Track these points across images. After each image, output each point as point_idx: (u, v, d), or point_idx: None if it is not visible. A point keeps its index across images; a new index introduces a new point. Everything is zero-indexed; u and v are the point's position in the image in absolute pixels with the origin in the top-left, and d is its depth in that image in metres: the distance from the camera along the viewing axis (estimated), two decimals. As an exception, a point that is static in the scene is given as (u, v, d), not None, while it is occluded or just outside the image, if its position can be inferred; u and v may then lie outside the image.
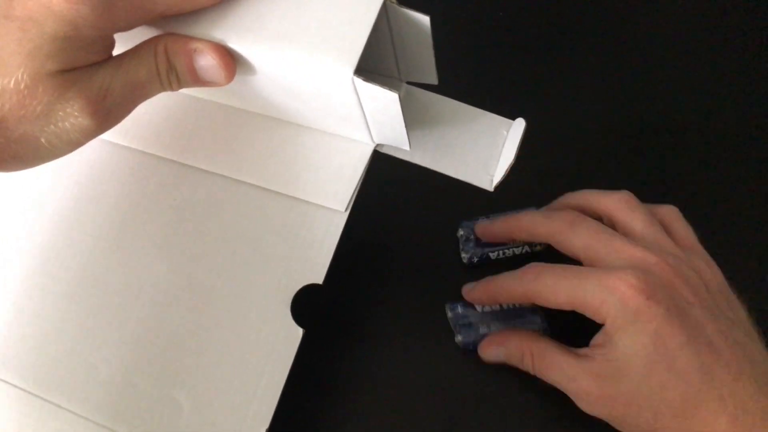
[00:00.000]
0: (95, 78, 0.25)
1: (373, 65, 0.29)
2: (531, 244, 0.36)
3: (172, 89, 0.27)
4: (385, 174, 0.39)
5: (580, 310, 0.29)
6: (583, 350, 0.30)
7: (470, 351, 0.34)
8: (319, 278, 0.29)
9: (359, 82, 0.24)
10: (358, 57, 0.24)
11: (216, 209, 0.31)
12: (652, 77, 0.43)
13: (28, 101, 0.24)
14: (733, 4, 0.46)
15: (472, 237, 0.37)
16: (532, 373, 0.32)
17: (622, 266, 0.28)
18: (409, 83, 0.32)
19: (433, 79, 0.30)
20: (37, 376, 0.29)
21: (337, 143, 0.31)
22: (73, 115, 0.24)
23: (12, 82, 0.23)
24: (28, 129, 0.24)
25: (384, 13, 0.26)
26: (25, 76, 0.23)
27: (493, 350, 0.33)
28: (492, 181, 0.30)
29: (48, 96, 0.24)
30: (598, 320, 0.29)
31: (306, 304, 0.30)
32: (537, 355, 0.31)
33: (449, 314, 0.35)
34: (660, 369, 0.27)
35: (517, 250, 0.36)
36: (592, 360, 0.29)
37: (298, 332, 0.29)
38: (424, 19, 0.26)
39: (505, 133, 0.31)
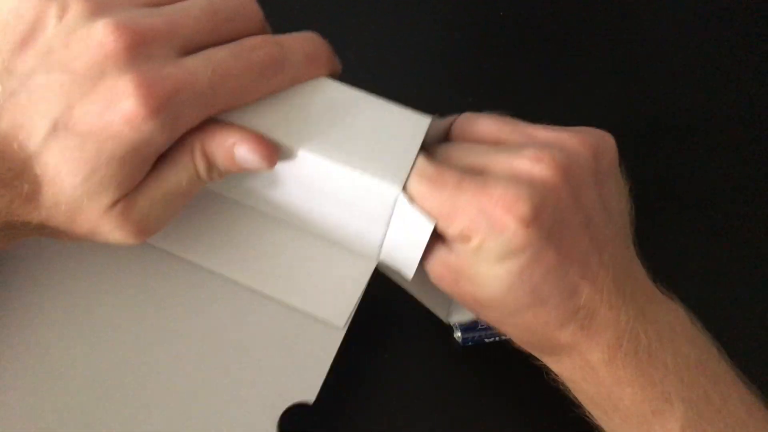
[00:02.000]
0: (140, 201, 0.23)
1: None
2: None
3: (213, 180, 0.26)
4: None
5: (444, 228, 0.25)
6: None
7: (470, 347, 0.35)
8: (311, 397, 0.27)
9: (403, 202, 0.24)
10: (406, 176, 0.24)
11: (206, 309, 0.28)
12: (655, 77, 0.44)
13: (75, 226, 0.23)
14: (736, 3, 0.46)
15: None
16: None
17: (500, 179, 0.24)
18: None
19: None
20: None
21: (340, 254, 0.29)
22: (115, 234, 0.23)
23: (63, 209, 0.22)
24: (72, 239, 0.24)
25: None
26: (73, 206, 0.22)
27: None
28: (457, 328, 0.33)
29: (93, 224, 0.23)
30: (464, 237, 0.25)
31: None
32: None
33: (448, 311, 0.35)
34: (520, 293, 0.25)
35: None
36: (450, 248, 0.26)
37: None
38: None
39: None
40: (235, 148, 0.24)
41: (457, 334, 0.35)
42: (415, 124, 0.25)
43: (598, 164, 0.27)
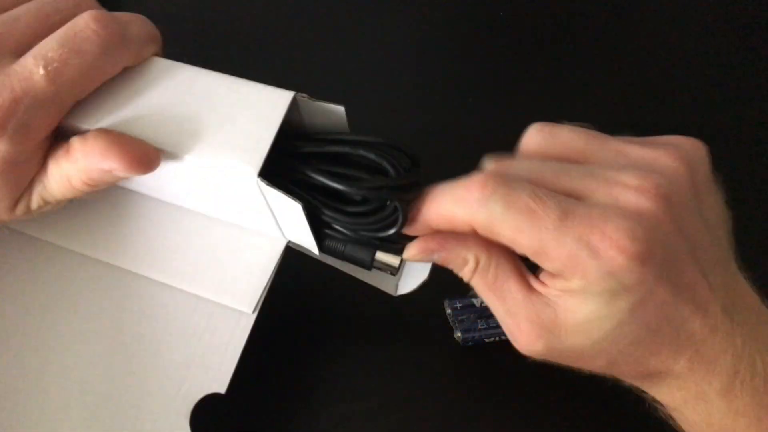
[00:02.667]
0: (35, 200, 0.25)
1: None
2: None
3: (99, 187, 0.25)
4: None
5: (538, 262, 0.24)
6: (538, 281, 0.25)
7: (470, 347, 0.35)
8: (221, 388, 0.27)
9: (263, 185, 0.23)
10: (263, 159, 0.23)
11: (114, 306, 0.28)
12: (654, 77, 0.44)
13: None
14: (735, 3, 0.46)
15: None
16: (467, 280, 0.26)
17: (606, 212, 0.23)
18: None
19: None
20: None
21: (248, 238, 0.28)
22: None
23: None
24: None
25: (296, 107, 0.25)
26: None
27: (424, 249, 0.26)
28: (396, 288, 0.31)
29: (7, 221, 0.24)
30: (562, 274, 0.24)
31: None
32: (489, 267, 0.25)
33: (448, 310, 0.35)
34: (632, 330, 0.24)
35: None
36: (544, 301, 0.24)
37: None
38: (339, 110, 0.25)
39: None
40: (108, 168, 0.23)
41: (457, 334, 0.35)
42: (274, 101, 0.24)
43: (694, 179, 0.25)
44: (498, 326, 0.34)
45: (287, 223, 0.26)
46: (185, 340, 0.27)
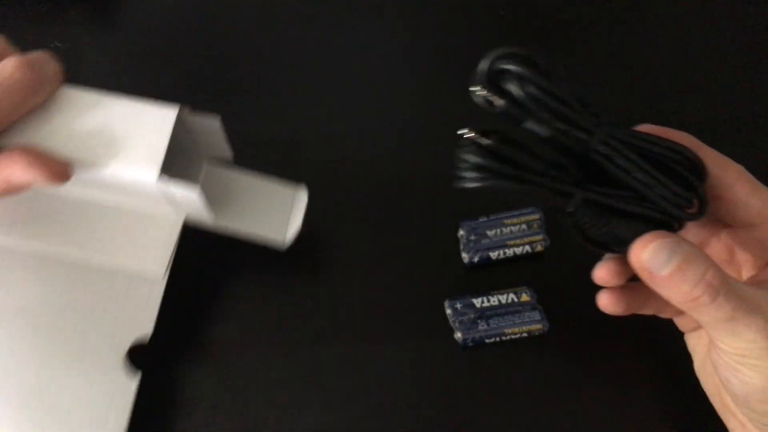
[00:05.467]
0: None
1: (178, 150, 0.32)
2: (532, 244, 0.37)
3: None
4: (388, 171, 0.40)
5: None
6: (753, 284, 0.27)
7: (470, 347, 0.35)
8: (145, 339, 0.32)
9: (165, 182, 0.29)
10: (160, 164, 0.29)
11: (40, 287, 0.32)
12: (656, 77, 0.44)
13: None
14: (734, 4, 0.46)
15: (472, 237, 0.37)
16: (711, 301, 0.24)
17: None
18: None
19: (228, 155, 0.35)
20: None
21: (148, 220, 0.34)
22: None
23: None
24: None
25: (181, 120, 0.31)
26: None
27: (659, 249, 0.24)
28: (285, 239, 0.34)
29: None
30: None
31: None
32: (721, 276, 0.24)
33: (448, 311, 0.35)
34: None
35: (518, 250, 0.37)
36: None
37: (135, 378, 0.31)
38: (215, 122, 0.32)
39: (291, 200, 0.35)
40: (29, 180, 0.28)
41: (457, 335, 0.35)
42: (163, 116, 0.30)
43: None
44: (498, 326, 0.35)
45: (186, 203, 0.32)
46: (110, 305, 0.32)
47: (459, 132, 0.24)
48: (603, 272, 0.28)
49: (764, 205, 0.27)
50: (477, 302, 0.35)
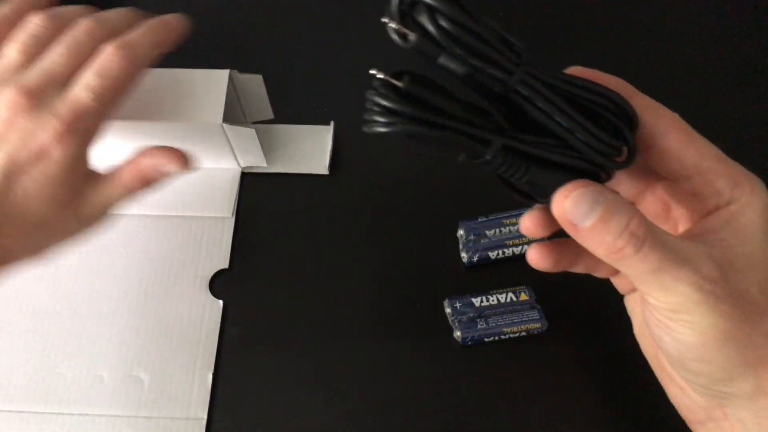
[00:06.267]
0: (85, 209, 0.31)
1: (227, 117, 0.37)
2: (530, 243, 0.37)
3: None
4: (388, 170, 0.41)
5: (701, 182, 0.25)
6: (686, 237, 0.25)
7: (469, 347, 0.35)
8: (225, 264, 0.38)
9: (227, 126, 0.36)
10: (222, 112, 0.35)
11: (131, 244, 0.39)
12: (656, 77, 0.44)
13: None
14: (734, 5, 0.47)
15: (471, 237, 0.37)
16: (634, 252, 0.23)
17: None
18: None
19: (270, 115, 0.42)
20: (20, 395, 0.35)
21: (212, 174, 0.41)
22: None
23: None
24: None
25: (231, 80, 0.37)
26: None
27: (581, 199, 0.23)
28: (325, 166, 0.40)
29: None
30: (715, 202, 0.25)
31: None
32: (646, 225, 0.23)
33: (447, 310, 0.35)
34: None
35: (517, 250, 0.37)
36: (710, 245, 0.24)
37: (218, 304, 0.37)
38: (258, 79, 0.39)
39: (325, 134, 0.41)
40: (164, 170, 0.32)
41: (457, 334, 0.35)
42: (217, 77, 0.36)
43: None
44: (497, 325, 0.35)
45: (243, 151, 0.39)
46: (190, 246, 0.39)
47: (370, 72, 0.22)
48: (528, 221, 0.26)
49: (699, 156, 0.25)
50: (476, 301, 0.35)
